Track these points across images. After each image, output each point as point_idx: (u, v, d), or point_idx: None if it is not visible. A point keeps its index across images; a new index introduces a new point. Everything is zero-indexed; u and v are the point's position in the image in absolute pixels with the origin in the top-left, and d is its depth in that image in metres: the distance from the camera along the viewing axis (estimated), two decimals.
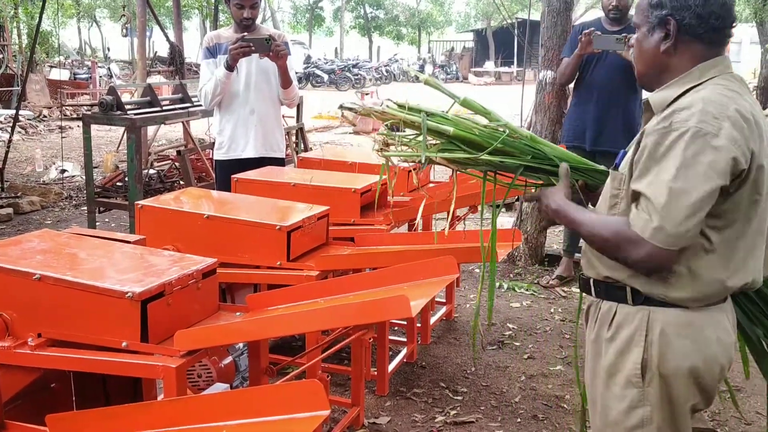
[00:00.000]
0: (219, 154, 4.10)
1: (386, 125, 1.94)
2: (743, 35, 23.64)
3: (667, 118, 1.57)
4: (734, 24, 1.69)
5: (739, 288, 1.66)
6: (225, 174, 4.02)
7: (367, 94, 14.38)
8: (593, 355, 1.79)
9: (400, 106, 1.97)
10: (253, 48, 3.74)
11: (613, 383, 1.71)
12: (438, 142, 1.92)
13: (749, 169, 1.55)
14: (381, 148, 1.96)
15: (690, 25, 1.63)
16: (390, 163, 2.00)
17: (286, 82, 3.96)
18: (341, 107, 2.16)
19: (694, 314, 1.64)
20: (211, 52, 3.99)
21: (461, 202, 3.36)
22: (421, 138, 1.87)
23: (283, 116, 8.01)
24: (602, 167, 1.97)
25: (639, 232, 1.54)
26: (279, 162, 4.09)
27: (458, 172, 1.99)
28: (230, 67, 3.82)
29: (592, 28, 4.26)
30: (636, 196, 1.58)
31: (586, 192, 1.97)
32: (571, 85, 4.75)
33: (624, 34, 4.16)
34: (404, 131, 1.96)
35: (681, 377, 1.64)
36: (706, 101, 1.56)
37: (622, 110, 4.48)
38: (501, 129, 1.92)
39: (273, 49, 3.73)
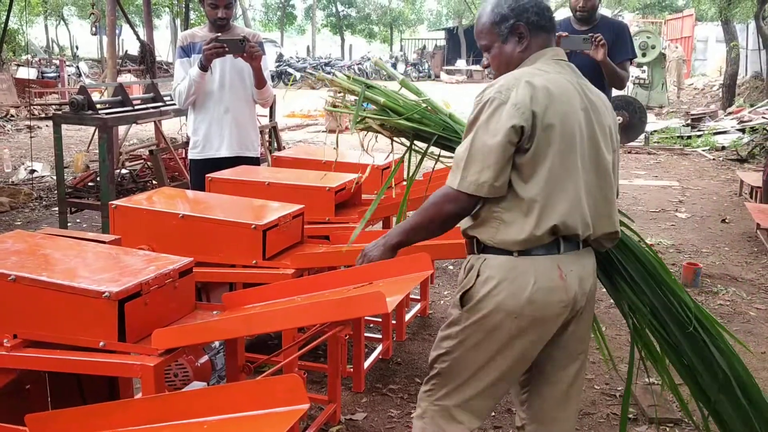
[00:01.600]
0: (193, 154, 4.10)
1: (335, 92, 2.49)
2: (709, 34, 24.05)
3: (481, 93, 1.96)
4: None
5: (547, 232, 1.92)
6: (200, 173, 4.02)
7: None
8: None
9: (352, 79, 2.49)
10: (227, 49, 3.74)
11: (450, 307, 2.10)
12: (375, 109, 2.40)
13: (533, 126, 1.87)
14: (331, 106, 2.49)
15: (535, 21, 2.04)
16: (336, 112, 2.51)
17: (260, 82, 3.96)
18: (305, 72, 2.79)
19: (517, 260, 1.94)
20: (186, 51, 3.98)
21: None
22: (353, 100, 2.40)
23: (257, 115, 8.02)
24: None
25: (451, 185, 1.94)
26: (254, 161, 4.10)
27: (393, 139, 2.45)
28: (204, 67, 3.82)
29: (561, 32, 4.32)
30: None
31: None
32: None
33: (590, 34, 4.23)
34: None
35: (496, 312, 1.94)
36: (507, 77, 1.95)
37: None
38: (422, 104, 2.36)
39: (247, 50, 3.73)
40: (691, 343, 2.31)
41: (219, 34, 3.81)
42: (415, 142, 2.44)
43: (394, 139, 2.43)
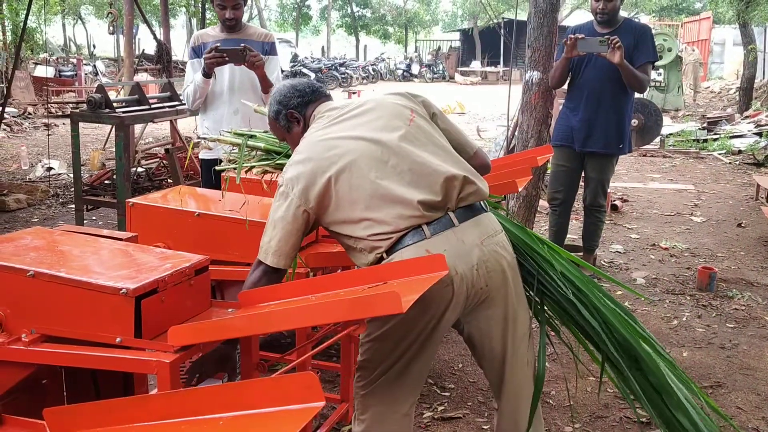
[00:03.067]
0: (205, 153, 4.13)
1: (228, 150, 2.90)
2: (726, 36, 23.88)
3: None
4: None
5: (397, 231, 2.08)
6: (210, 173, 4.05)
7: (354, 92, 14.39)
8: None
9: (234, 133, 2.88)
10: (227, 58, 3.77)
11: None
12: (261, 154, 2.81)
13: (317, 212, 2.13)
14: (226, 162, 2.86)
15: (296, 104, 2.35)
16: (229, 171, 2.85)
17: (265, 88, 3.98)
18: (198, 137, 3.40)
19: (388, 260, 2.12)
20: (197, 52, 4.01)
21: None
22: (256, 154, 2.84)
23: None
24: None
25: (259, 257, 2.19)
26: None
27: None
28: (207, 74, 3.85)
29: (578, 34, 4.31)
30: None
31: None
32: (565, 87, 4.82)
33: (607, 37, 4.22)
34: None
35: None
36: (291, 164, 2.21)
37: (612, 112, 4.54)
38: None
39: (248, 59, 3.76)
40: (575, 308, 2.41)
41: (218, 44, 3.82)
42: None
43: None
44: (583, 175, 4.96)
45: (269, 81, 3.98)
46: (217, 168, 2.82)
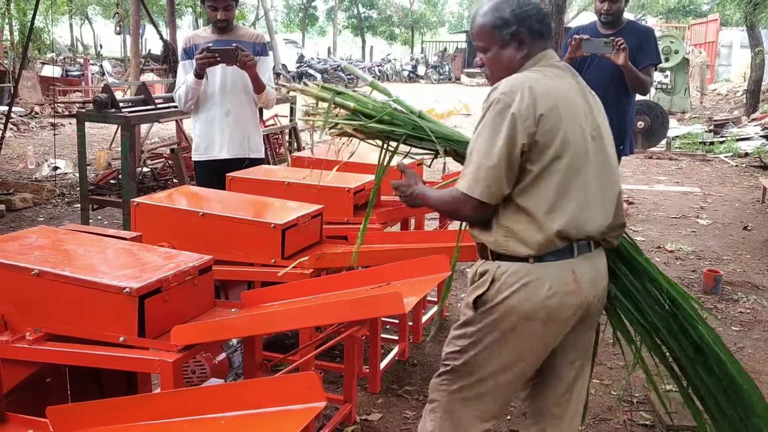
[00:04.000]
0: (196, 155, 4.12)
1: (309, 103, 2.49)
2: (733, 39, 23.79)
3: (487, 96, 1.99)
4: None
5: (558, 238, 1.94)
6: (204, 175, 4.06)
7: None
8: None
9: (321, 87, 2.49)
10: (218, 58, 3.76)
11: (462, 307, 2.12)
12: (347, 114, 2.43)
13: (536, 134, 1.89)
14: (304, 116, 2.49)
15: (536, 29, 2.04)
16: (312, 125, 2.47)
17: (257, 88, 3.97)
18: (279, 85, 2.76)
19: (532, 267, 1.96)
20: (188, 53, 4.00)
21: None
22: (336, 110, 2.42)
23: (277, 116, 8.08)
24: (467, 138, 2.25)
25: (460, 188, 1.96)
26: (258, 162, 4.10)
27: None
28: (199, 75, 3.85)
29: (582, 35, 4.30)
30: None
31: (456, 157, 2.35)
32: None
33: (611, 38, 4.21)
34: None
35: (508, 313, 1.98)
36: (510, 80, 1.97)
37: (614, 113, 4.51)
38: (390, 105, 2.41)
39: (240, 59, 3.75)
40: (667, 325, 2.31)
41: (210, 44, 3.82)
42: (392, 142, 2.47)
43: (368, 141, 2.49)
44: None
45: (261, 81, 3.96)
46: (300, 119, 2.53)
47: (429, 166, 2.63)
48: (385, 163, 2.43)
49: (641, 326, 2.34)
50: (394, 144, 2.39)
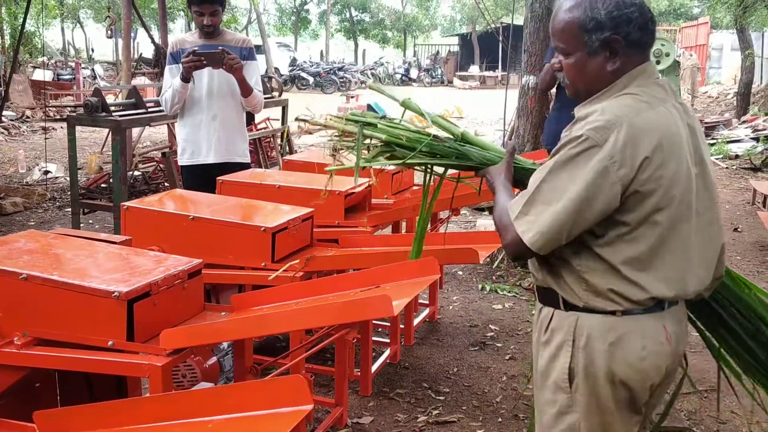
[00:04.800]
0: (183, 160, 4.11)
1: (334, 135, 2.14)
2: (724, 41, 23.92)
3: (570, 127, 1.64)
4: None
5: (648, 300, 1.63)
6: (190, 179, 4.05)
7: (352, 97, 14.41)
8: (534, 359, 1.85)
9: (347, 119, 2.14)
10: (204, 62, 3.75)
11: (546, 387, 1.76)
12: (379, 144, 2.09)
13: (632, 183, 1.54)
14: (331, 154, 2.14)
15: (635, 38, 1.64)
16: (339, 166, 2.12)
17: (244, 91, 3.96)
18: (297, 119, 2.37)
19: (618, 321, 1.64)
20: (175, 57, 3.99)
21: (444, 204, 3.41)
22: (367, 141, 2.08)
23: (268, 119, 8.08)
24: (530, 163, 2.00)
25: (512, 217, 1.64)
26: (244, 167, 4.08)
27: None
28: (185, 78, 3.84)
29: None
30: None
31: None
32: (554, 90, 4.82)
33: None
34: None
35: (605, 384, 1.65)
36: (605, 111, 1.59)
37: None
38: (428, 133, 2.07)
39: (226, 62, 3.74)
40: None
41: (196, 48, 3.82)
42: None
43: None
44: None
45: (248, 85, 3.95)
46: (327, 168, 2.12)
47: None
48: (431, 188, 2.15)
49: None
50: (438, 169, 2.11)
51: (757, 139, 11.54)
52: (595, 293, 1.64)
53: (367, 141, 2.07)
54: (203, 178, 3.77)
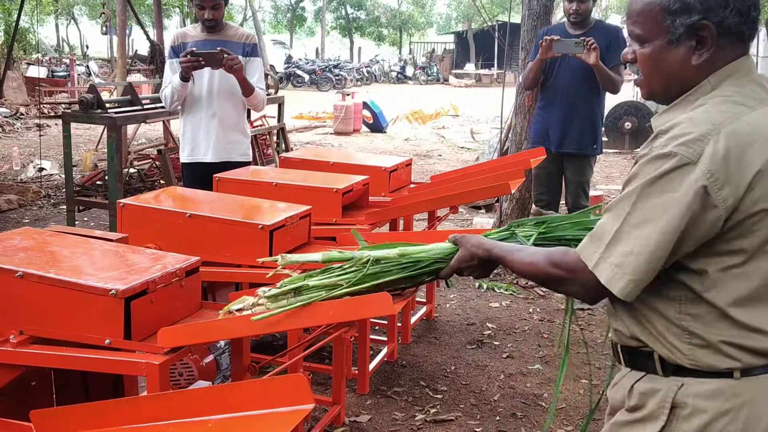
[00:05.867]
0: (183, 157, 4.08)
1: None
2: None
3: (648, 144, 1.33)
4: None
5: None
6: (191, 177, 4.02)
7: (348, 94, 14.39)
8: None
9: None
10: (203, 62, 3.71)
11: None
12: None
13: (740, 205, 1.25)
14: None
15: (731, 25, 1.32)
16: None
17: (245, 91, 3.92)
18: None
19: (740, 384, 1.29)
20: (176, 51, 3.94)
21: (441, 203, 3.41)
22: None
23: (264, 116, 8.05)
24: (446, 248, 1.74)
25: (584, 258, 1.35)
26: (243, 166, 4.06)
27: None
28: (184, 78, 3.81)
29: (553, 36, 4.31)
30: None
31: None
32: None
33: (582, 38, 4.24)
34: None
35: None
36: (694, 121, 1.28)
37: (586, 112, 4.55)
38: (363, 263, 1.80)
39: (225, 63, 3.70)
40: None
41: (194, 48, 3.78)
42: None
43: None
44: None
45: (250, 84, 3.91)
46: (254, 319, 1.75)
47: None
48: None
49: None
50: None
51: None
52: (705, 346, 1.30)
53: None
54: (202, 176, 3.73)
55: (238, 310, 1.81)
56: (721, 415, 1.29)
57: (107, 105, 5.44)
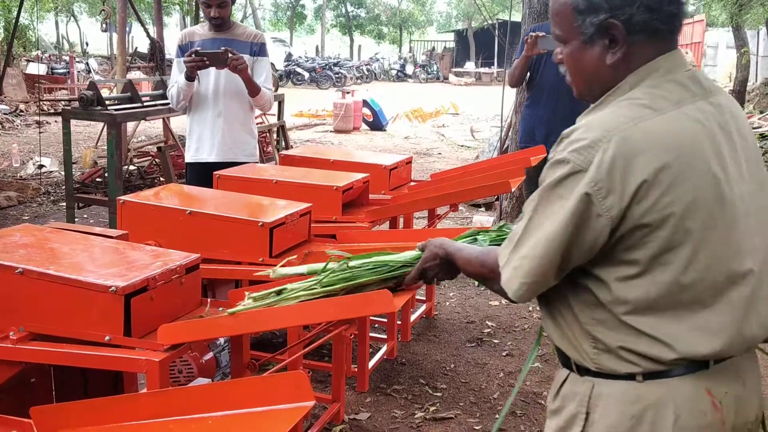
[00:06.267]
0: (188, 156, 4.06)
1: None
2: (719, 39, 23.97)
3: (555, 147, 1.32)
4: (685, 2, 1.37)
5: (667, 361, 1.27)
6: (195, 176, 3.99)
7: (348, 92, 14.38)
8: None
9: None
10: (207, 62, 3.69)
11: None
12: None
13: (627, 215, 1.22)
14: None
15: (641, 22, 1.29)
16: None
17: (251, 91, 3.89)
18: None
19: (643, 387, 1.29)
20: (183, 50, 3.92)
21: (441, 201, 3.41)
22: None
23: (264, 114, 8.05)
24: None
25: (498, 259, 1.38)
26: None
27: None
28: (190, 77, 3.79)
29: (539, 32, 4.29)
30: None
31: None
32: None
33: None
34: None
35: None
36: (590, 126, 1.26)
37: (571, 109, 4.54)
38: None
39: (230, 63, 3.68)
40: None
41: (198, 48, 3.77)
42: None
43: None
44: None
45: (255, 84, 3.88)
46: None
47: None
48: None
49: None
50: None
51: None
52: (607, 353, 1.31)
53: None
54: (205, 176, 3.70)
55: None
56: (627, 418, 1.29)
57: (107, 102, 5.44)
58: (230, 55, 3.67)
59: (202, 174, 3.88)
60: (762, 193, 1.36)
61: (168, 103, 6.04)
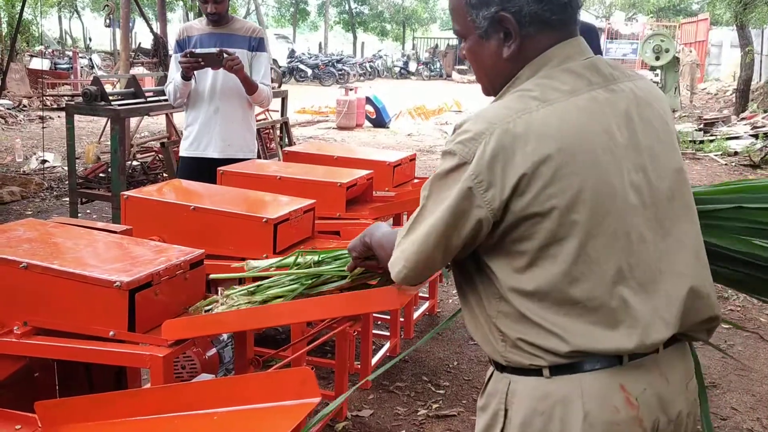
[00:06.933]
0: (181, 150, 4.04)
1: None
2: (723, 38, 23.92)
3: (448, 137, 1.31)
4: None
5: (582, 352, 1.24)
6: (186, 170, 3.95)
7: (351, 89, 14.37)
8: None
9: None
10: (202, 63, 3.67)
11: None
12: None
13: (508, 208, 1.22)
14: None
15: (531, 13, 1.27)
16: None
17: (248, 90, 3.86)
18: None
19: (551, 383, 1.26)
20: (181, 45, 3.91)
21: None
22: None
23: (267, 110, 8.04)
24: None
25: (395, 244, 1.38)
26: None
27: None
28: (186, 77, 3.78)
29: None
30: None
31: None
32: None
33: None
34: None
35: None
36: (477, 118, 1.25)
37: None
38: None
39: (225, 63, 3.66)
40: None
41: (193, 49, 3.75)
42: None
43: None
44: None
45: (253, 83, 3.85)
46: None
47: None
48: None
49: None
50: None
51: (756, 136, 11.54)
52: (513, 347, 1.28)
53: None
54: (200, 171, 3.69)
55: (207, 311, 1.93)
56: (538, 415, 1.27)
57: (111, 97, 5.43)
58: (225, 55, 3.65)
59: (195, 168, 3.85)
60: (665, 182, 1.31)
61: None
